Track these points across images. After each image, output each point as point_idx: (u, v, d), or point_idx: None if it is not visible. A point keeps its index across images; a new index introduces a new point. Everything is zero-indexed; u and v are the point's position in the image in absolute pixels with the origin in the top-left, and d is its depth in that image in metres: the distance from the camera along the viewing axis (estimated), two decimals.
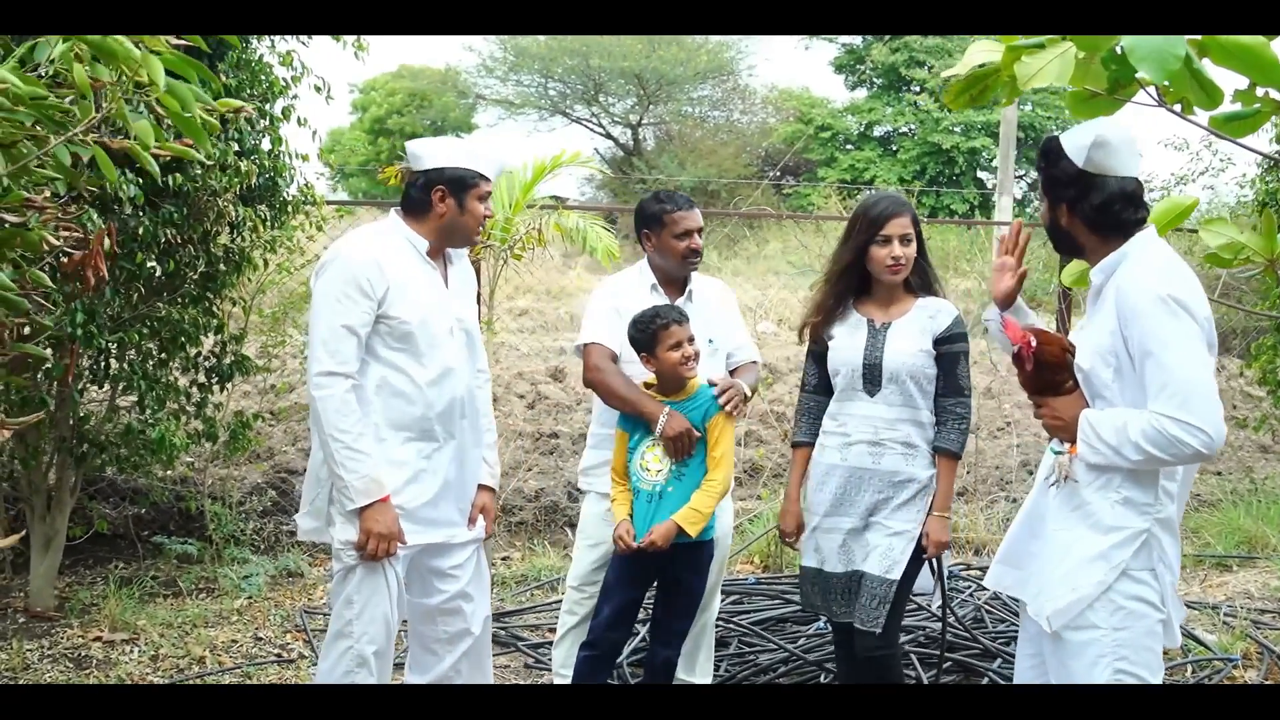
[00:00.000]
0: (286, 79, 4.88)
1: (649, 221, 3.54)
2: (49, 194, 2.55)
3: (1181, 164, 14.64)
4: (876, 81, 27.12)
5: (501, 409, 7.66)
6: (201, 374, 4.98)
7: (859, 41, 27.09)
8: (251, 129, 4.63)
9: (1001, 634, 4.38)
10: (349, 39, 4.86)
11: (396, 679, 3.60)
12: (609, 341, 3.48)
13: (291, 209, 5.02)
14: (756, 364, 3.68)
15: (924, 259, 3.28)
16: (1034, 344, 2.52)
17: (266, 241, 5.00)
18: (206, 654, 4.29)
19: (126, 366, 4.62)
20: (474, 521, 3.23)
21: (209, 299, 4.81)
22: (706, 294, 3.62)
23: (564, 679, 3.55)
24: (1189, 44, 2.17)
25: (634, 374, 3.44)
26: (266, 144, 4.81)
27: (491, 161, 3.15)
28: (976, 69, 2.56)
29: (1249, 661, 4.42)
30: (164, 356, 4.74)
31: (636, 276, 3.61)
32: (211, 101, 2.36)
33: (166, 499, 5.55)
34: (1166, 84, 2.30)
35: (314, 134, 5.16)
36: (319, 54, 31.92)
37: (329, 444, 2.92)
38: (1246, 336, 7.63)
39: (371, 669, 3.03)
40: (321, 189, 5.28)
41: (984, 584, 3.43)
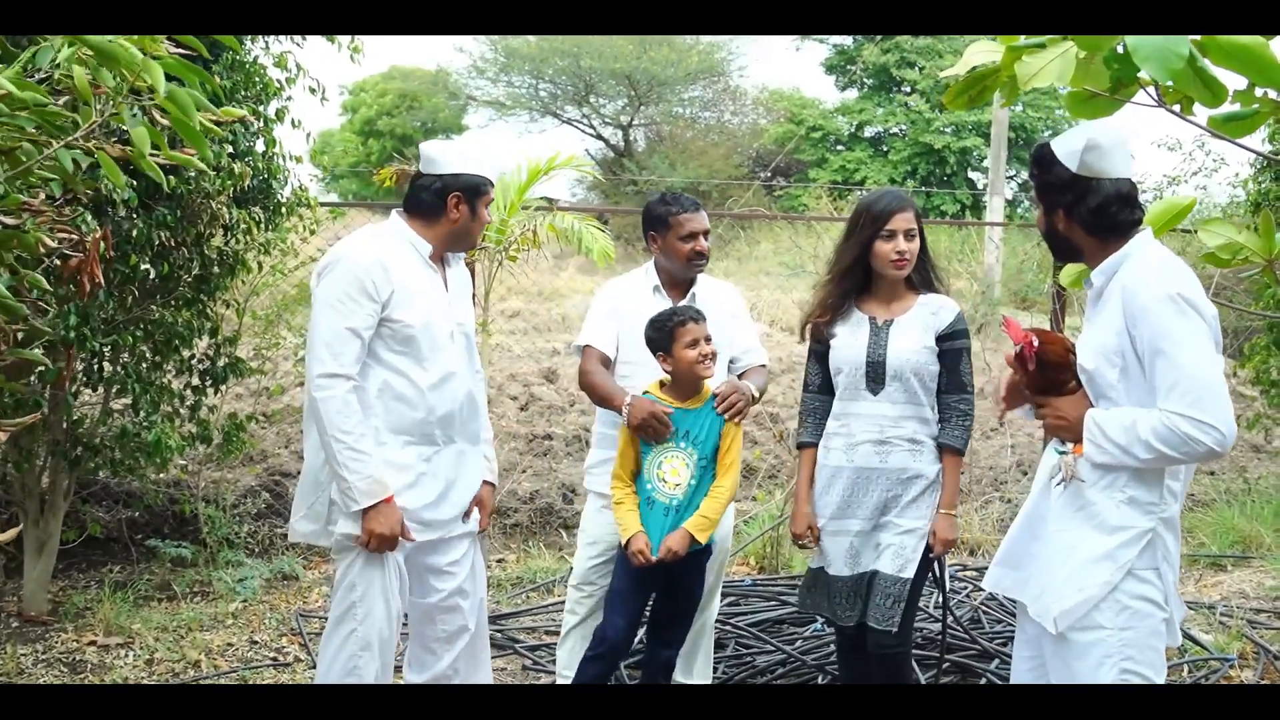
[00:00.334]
0: (281, 81, 4.87)
1: (655, 223, 3.53)
2: (44, 196, 2.53)
3: (1175, 164, 14.69)
4: (867, 82, 27.14)
5: (495, 411, 7.65)
6: (195, 376, 4.97)
7: (850, 42, 27.11)
8: (246, 131, 4.61)
9: (999, 634, 4.39)
10: (344, 42, 4.84)
11: (396, 679, 3.59)
12: (601, 344, 3.49)
13: (285, 211, 5.00)
14: (765, 366, 3.67)
15: (926, 255, 3.27)
16: (1036, 343, 2.52)
17: (260, 244, 4.99)
18: (202, 658, 4.27)
19: (120, 369, 4.60)
20: (469, 515, 3.23)
21: (203, 301, 4.80)
22: (709, 297, 3.59)
23: (567, 680, 3.54)
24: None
25: (635, 376, 3.43)
26: (260, 146, 4.79)
27: (495, 165, 3.17)
28: (975, 69, 2.56)
29: (1245, 661, 4.43)
30: (158, 359, 4.72)
31: (641, 278, 3.61)
32: (214, 110, 2.34)
33: (160, 502, 5.53)
34: (1169, 83, 2.30)
35: (308, 136, 5.14)
36: (310, 56, 31.83)
37: (331, 445, 2.90)
38: (1239, 336, 7.66)
39: (375, 654, 3.01)
40: (313, 191, 5.26)
41: (982, 586, 3.42)
